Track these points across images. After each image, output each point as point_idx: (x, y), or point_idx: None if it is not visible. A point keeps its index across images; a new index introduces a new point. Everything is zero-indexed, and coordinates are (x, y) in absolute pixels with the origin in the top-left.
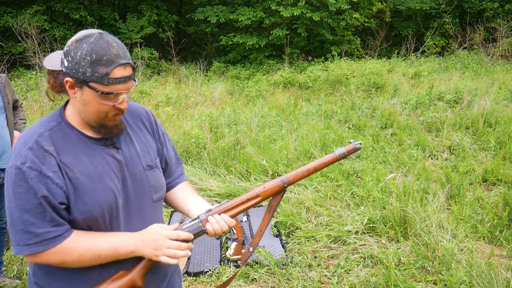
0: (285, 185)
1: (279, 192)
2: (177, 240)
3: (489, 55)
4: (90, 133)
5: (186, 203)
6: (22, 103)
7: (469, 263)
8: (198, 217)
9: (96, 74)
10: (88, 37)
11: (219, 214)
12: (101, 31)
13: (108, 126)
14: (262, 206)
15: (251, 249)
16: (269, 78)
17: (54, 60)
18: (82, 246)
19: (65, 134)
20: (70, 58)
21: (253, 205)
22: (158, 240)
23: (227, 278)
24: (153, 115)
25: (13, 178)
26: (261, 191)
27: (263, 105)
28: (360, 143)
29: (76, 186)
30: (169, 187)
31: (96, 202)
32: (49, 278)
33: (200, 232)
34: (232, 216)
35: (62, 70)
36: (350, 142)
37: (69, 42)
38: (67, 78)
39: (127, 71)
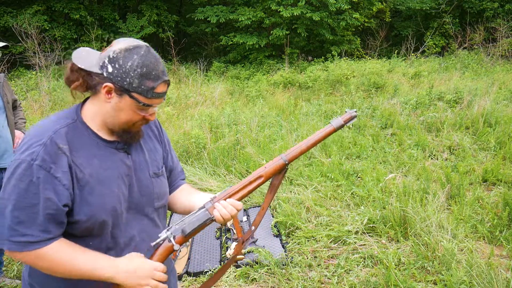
0: (286, 162)
1: (281, 170)
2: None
3: (489, 55)
4: (104, 135)
5: (190, 200)
6: (20, 103)
7: (469, 263)
8: (204, 206)
9: (142, 87)
10: (138, 48)
11: (225, 200)
12: (147, 44)
13: (131, 132)
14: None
15: (253, 227)
16: (269, 78)
17: (86, 59)
18: (57, 258)
19: (79, 133)
20: (117, 66)
21: (257, 187)
22: (142, 272)
23: (222, 266)
24: (160, 123)
25: (19, 171)
26: (263, 171)
27: (263, 105)
28: (355, 111)
29: (83, 187)
30: (170, 191)
31: (101, 204)
32: (47, 278)
33: (207, 221)
34: (238, 200)
35: (101, 74)
36: (346, 111)
37: (116, 49)
38: (108, 84)
39: (166, 88)
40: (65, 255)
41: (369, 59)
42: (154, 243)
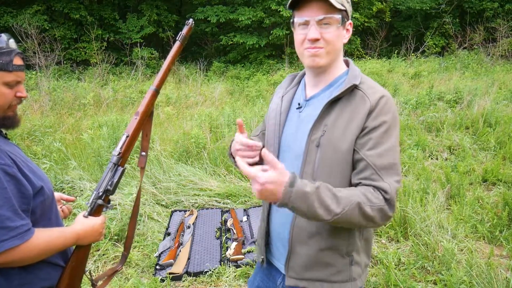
0: (156, 89)
1: (155, 98)
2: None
3: (489, 55)
4: None
5: None
6: None
7: (469, 263)
8: (112, 161)
9: (0, 61)
10: None
11: (127, 146)
12: None
13: (10, 117)
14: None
15: (143, 153)
16: (269, 78)
17: None
18: (43, 241)
19: None
20: None
21: (141, 124)
22: (97, 226)
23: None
24: None
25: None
26: (142, 109)
27: (263, 105)
28: (192, 20)
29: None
30: None
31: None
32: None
33: (122, 174)
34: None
35: None
36: (185, 25)
37: None
38: None
39: (22, 61)
40: (45, 235)
41: (369, 59)
42: (89, 203)
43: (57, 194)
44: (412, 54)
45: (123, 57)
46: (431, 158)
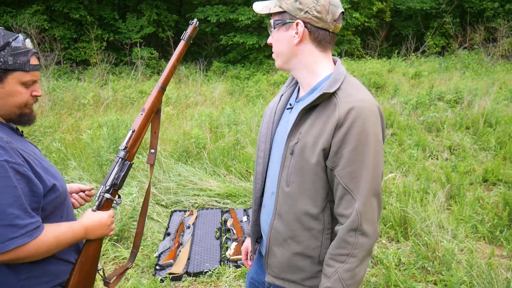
0: (162, 87)
1: (161, 97)
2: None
3: (489, 55)
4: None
5: None
6: None
7: (469, 263)
8: (119, 156)
9: (18, 62)
10: None
11: (133, 142)
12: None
13: (27, 114)
14: None
15: (152, 151)
16: (269, 78)
17: None
18: (52, 236)
19: None
20: None
21: (147, 120)
22: (104, 220)
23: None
24: None
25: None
26: (148, 106)
27: (263, 105)
28: (196, 21)
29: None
30: None
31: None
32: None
33: (129, 168)
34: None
35: None
36: (190, 24)
37: None
38: None
39: (38, 60)
40: (54, 231)
41: (369, 59)
42: (96, 198)
43: (75, 185)
44: (412, 54)
45: (122, 57)
46: (431, 158)
